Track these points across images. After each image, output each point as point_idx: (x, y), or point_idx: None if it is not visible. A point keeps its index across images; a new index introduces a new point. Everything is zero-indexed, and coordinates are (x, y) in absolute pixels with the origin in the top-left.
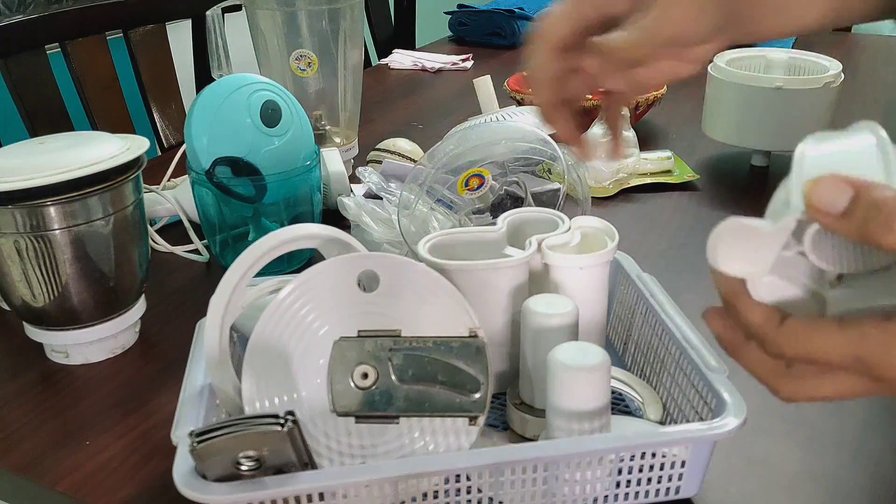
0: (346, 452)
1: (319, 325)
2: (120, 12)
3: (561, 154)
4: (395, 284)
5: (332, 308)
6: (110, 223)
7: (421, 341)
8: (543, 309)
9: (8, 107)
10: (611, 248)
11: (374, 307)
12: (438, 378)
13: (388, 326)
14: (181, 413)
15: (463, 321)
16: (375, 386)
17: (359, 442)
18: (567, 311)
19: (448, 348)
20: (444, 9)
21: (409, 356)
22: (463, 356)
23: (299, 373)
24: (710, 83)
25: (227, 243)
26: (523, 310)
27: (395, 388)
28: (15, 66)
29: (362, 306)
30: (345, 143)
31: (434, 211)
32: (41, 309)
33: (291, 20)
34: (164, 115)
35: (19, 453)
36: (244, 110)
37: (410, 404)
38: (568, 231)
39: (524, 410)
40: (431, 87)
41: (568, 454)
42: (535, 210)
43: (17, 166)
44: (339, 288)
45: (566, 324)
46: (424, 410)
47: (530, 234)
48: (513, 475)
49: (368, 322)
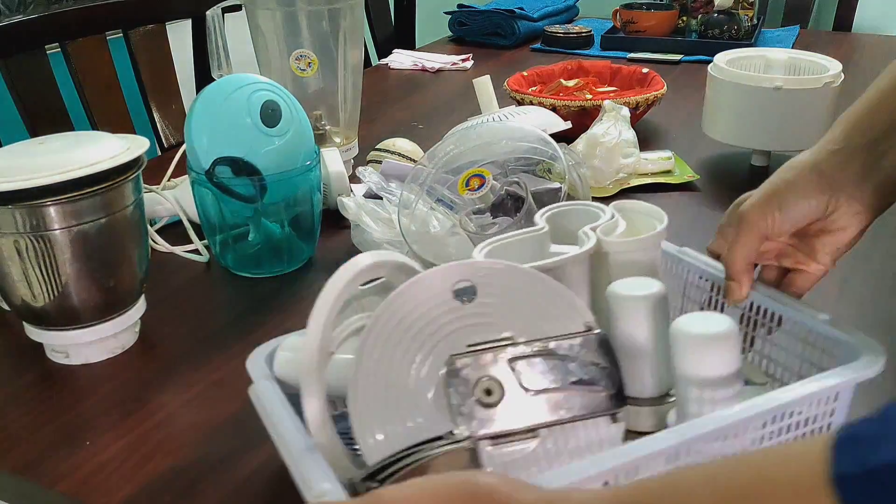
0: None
1: (423, 348)
2: (120, 12)
3: (561, 154)
4: (494, 291)
5: (433, 327)
6: (110, 223)
7: (540, 344)
8: (636, 291)
9: (8, 107)
10: (663, 228)
11: (479, 318)
12: (570, 379)
13: (497, 335)
14: (306, 474)
15: (575, 316)
16: (502, 401)
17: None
18: (658, 289)
19: (570, 346)
20: (444, 9)
21: (533, 362)
22: (588, 351)
23: (413, 400)
24: (710, 83)
25: (227, 243)
26: (612, 297)
27: (525, 399)
28: (15, 66)
29: (465, 319)
30: (345, 143)
31: (434, 211)
32: (41, 309)
33: (291, 20)
34: (164, 115)
35: (19, 453)
36: (244, 110)
37: (546, 413)
38: (613, 218)
39: (632, 403)
40: (431, 87)
41: (742, 419)
42: (570, 204)
43: (17, 166)
44: (435, 305)
45: (659, 302)
46: (563, 417)
47: (569, 228)
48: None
49: (475, 335)
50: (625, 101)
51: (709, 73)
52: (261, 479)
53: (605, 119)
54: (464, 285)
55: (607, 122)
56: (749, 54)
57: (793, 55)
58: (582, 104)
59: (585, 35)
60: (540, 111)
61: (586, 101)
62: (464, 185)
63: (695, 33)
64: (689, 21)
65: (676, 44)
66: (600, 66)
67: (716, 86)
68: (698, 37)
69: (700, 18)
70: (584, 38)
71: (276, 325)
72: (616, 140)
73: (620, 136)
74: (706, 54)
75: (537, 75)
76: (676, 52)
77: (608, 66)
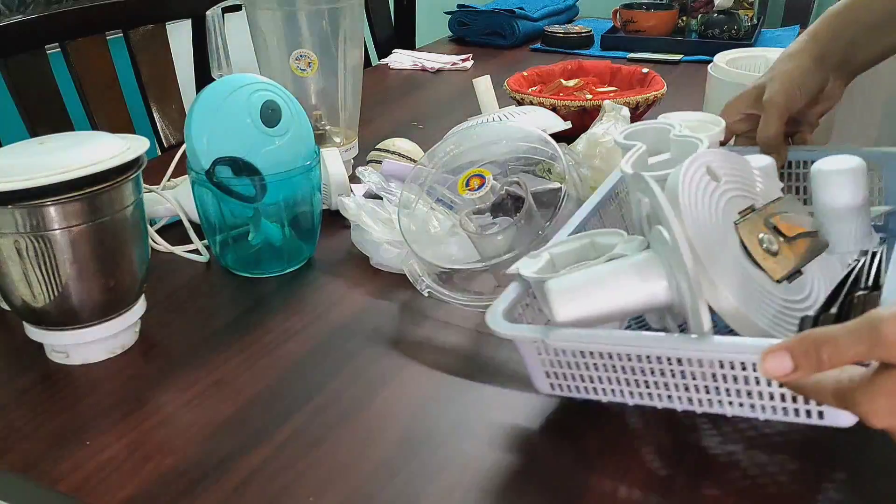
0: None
1: (721, 211)
2: (120, 12)
3: (561, 154)
4: (730, 173)
5: (706, 202)
6: (110, 223)
7: (780, 203)
8: (843, 165)
9: (8, 107)
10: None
11: (730, 193)
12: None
13: (746, 205)
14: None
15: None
16: (778, 249)
17: (788, 297)
18: (858, 163)
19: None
20: (444, 9)
21: (788, 215)
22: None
23: (721, 259)
24: (710, 83)
25: (227, 243)
26: (819, 175)
27: (791, 244)
28: (15, 66)
29: (723, 195)
30: (345, 143)
31: (434, 211)
32: (41, 309)
33: (291, 20)
34: (164, 115)
35: (19, 453)
36: (244, 110)
37: (807, 257)
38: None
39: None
40: (431, 87)
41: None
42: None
43: (17, 166)
44: (699, 186)
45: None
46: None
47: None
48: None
49: (737, 207)
50: (625, 101)
51: (709, 73)
52: (261, 479)
53: (605, 119)
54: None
55: (607, 122)
56: (749, 54)
57: None
58: (582, 104)
59: (585, 35)
60: (540, 111)
61: (586, 101)
62: (464, 185)
63: (695, 33)
64: (689, 21)
65: (676, 44)
66: (600, 66)
67: (716, 86)
68: (698, 37)
69: (700, 18)
70: (584, 38)
71: (276, 325)
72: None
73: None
74: (706, 54)
75: (537, 75)
76: (676, 52)
77: (608, 66)
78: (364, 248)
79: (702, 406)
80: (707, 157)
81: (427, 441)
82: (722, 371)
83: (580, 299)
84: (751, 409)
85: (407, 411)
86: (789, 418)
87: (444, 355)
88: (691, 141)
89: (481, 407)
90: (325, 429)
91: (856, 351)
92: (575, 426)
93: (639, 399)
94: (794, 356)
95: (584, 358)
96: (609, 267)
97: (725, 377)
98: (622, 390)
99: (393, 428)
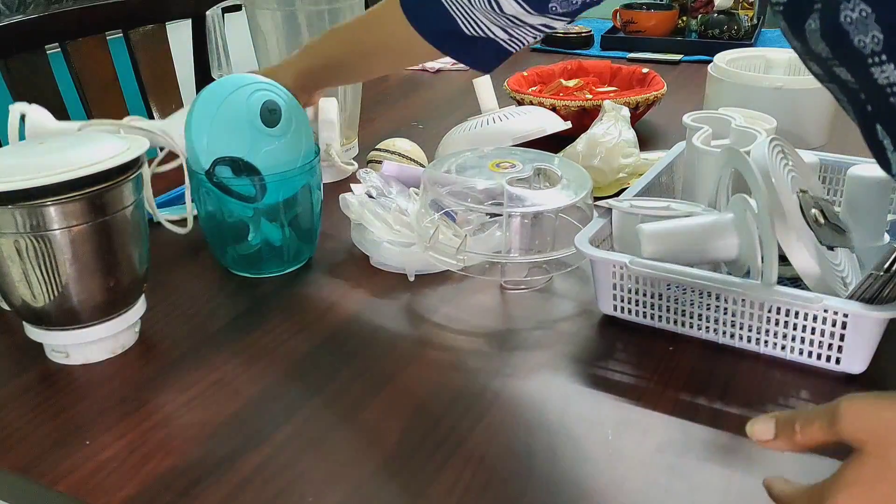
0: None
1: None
2: (120, 12)
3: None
4: (792, 156)
5: (781, 174)
6: (110, 223)
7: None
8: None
9: (8, 107)
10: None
11: (793, 173)
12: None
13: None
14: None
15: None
16: (824, 223)
17: (832, 260)
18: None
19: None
20: None
21: (828, 205)
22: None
23: (796, 221)
24: (710, 83)
25: (227, 243)
26: (853, 179)
27: (824, 226)
28: (15, 66)
29: (789, 172)
30: (345, 143)
31: (439, 220)
32: (41, 309)
33: (291, 20)
34: (164, 115)
35: (19, 453)
36: (244, 110)
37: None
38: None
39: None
40: (431, 87)
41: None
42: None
43: (17, 166)
44: (776, 160)
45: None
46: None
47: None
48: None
49: (798, 185)
50: (625, 101)
51: (709, 73)
52: (261, 479)
53: (605, 119)
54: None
55: (607, 122)
56: (749, 54)
57: (793, 55)
58: (582, 104)
59: (585, 35)
60: (540, 111)
61: (586, 102)
62: (495, 166)
63: (695, 33)
64: (689, 21)
65: (676, 44)
66: (600, 66)
67: (716, 86)
68: (698, 37)
69: (700, 18)
70: (584, 38)
71: (276, 325)
72: (616, 140)
73: (620, 136)
74: (706, 54)
75: (537, 75)
76: (676, 52)
77: (608, 66)
78: (364, 248)
79: (741, 341)
80: (779, 140)
81: (427, 441)
82: (777, 316)
83: (666, 241)
84: (781, 350)
85: (407, 411)
86: (812, 361)
87: (444, 355)
88: (750, 132)
89: (481, 407)
90: (325, 429)
91: (819, 424)
92: (575, 426)
93: (687, 329)
94: (777, 425)
95: (653, 287)
96: (693, 221)
97: (778, 322)
98: (676, 319)
99: (393, 428)
